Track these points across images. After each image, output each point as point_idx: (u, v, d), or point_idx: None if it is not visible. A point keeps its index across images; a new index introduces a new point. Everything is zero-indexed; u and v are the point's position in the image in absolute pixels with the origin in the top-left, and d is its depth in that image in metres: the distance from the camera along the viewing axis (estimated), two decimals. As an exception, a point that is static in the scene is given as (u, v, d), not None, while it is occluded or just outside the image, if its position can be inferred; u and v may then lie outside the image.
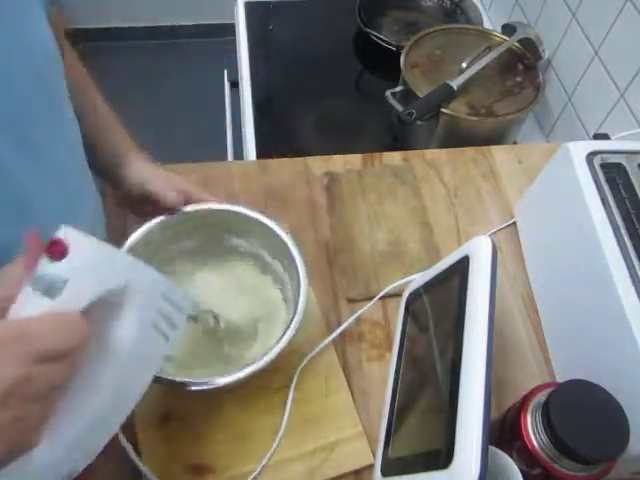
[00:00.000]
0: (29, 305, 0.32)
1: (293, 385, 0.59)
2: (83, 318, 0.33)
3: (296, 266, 0.56)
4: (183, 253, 0.61)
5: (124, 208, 0.65)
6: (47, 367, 0.31)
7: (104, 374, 0.36)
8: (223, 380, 0.49)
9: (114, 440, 0.38)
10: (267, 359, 0.50)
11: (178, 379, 0.49)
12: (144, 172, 0.58)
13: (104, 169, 0.60)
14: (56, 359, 0.32)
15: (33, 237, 0.34)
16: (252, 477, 0.54)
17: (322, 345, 0.61)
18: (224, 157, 1.21)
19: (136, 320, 0.37)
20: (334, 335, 0.62)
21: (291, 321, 0.53)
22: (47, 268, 0.33)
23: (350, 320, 0.64)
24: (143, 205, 0.59)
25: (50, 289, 0.32)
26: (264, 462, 0.55)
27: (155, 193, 0.56)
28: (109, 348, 0.36)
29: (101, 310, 0.35)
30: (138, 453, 0.54)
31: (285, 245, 0.57)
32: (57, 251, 0.33)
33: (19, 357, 0.30)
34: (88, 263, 0.34)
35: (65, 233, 0.33)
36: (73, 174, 0.52)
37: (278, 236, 0.58)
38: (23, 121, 0.43)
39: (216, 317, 0.57)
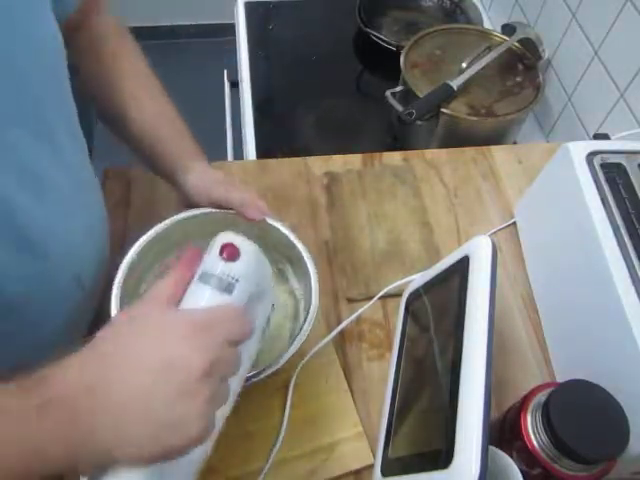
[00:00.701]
0: (204, 298, 0.38)
1: (292, 385, 0.59)
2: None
3: (305, 265, 0.56)
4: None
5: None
6: (232, 351, 0.37)
7: (239, 376, 0.40)
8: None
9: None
10: (282, 361, 0.49)
11: None
12: (206, 180, 0.58)
13: (167, 174, 0.60)
14: (234, 345, 0.37)
15: (193, 249, 0.40)
16: (261, 478, 0.54)
17: (321, 344, 0.61)
18: (224, 157, 1.21)
19: (261, 317, 0.43)
20: (333, 334, 0.62)
21: (304, 321, 0.52)
22: (223, 268, 0.38)
23: (350, 320, 0.64)
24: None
25: (228, 286, 0.38)
26: (270, 461, 0.55)
27: (220, 200, 0.56)
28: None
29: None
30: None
31: (295, 248, 0.57)
32: (232, 254, 0.39)
33: (214, 340, 0.36)
34: (253, 266, 0.40)
35: (236, 239, 0.40)
36: (81, 167, 0.53)
37: (290, 240, 0.57)
38: (40, 116, 0.44)
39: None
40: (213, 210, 0.57)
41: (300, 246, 0.57)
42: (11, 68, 0.40)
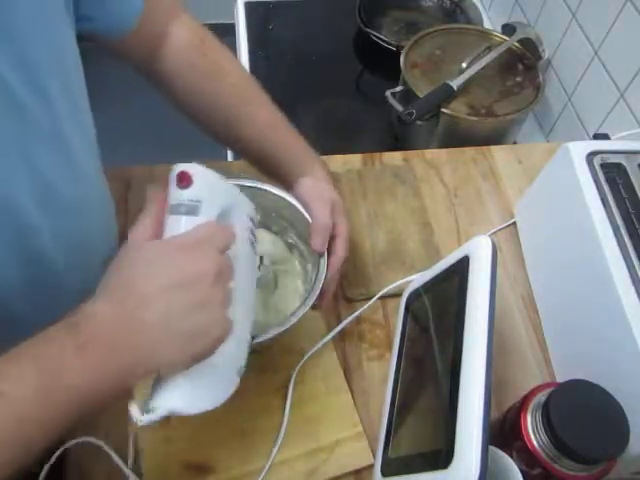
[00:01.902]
0: (180, 224, 0.41)
1: (292, 384, 0.59)
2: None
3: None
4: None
5: None
6: (225, 257, 0.41)
7: (240, 279, 0.43)
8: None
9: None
10: (294, 320, 0.51)
11: None
12: (309, 191, 0.59)
13: (282, 177, 0.62)
14: (224, 252, 0.41)
15: (156, 194, 0.42)
16: (261, 478, 0.54)
17: (320, 344, 0.61)
18: (224, 157, 1.21)
19: (242, 236, 0.45)
20: (332, 334, 0.62)
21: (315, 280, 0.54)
22: (182, 195, 0.41)
23: (349, 319, 0.64)
24: None
25: (192, 209, 0.41)
26: (270, 461, 0.55)
27: (312, 210, 0.58)
28: (232, 258, 0.43)
29: (220, 221, 0.43)
30: (138, 453, 0.54)
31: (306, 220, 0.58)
32: (185, 181, 0.41)
33: (212, 251, 0.40)
34: (210, 187, 0.43)
35: (186, 167, 0.42)
36: (94, 178, 0.53)
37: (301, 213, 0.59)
38: (52, 120, 0.44)
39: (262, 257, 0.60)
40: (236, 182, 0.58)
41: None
42: (35, 83, 0.41)
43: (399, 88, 0.98)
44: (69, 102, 0.46)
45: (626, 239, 0.56)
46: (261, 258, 0.61)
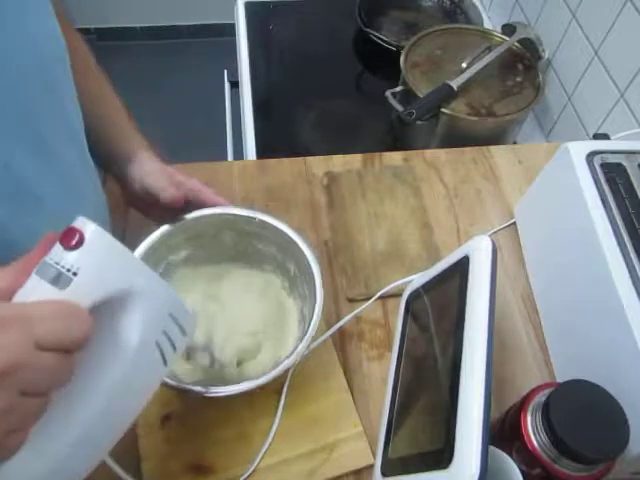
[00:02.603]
0: (34, 292, 0.31)
1: (286, 386, 0.58)
2: (88, 313, 0.31)
3: (313, 277, 0.55)
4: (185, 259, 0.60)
5: (133, 208, 0.63)
6: (49, 357, 0.29)
7: (100, 382, 0.33)
8: (234, 388, 0.49)
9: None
10: (275, 373, 0.49)
11: (190, 386, 0.49)
12: (145, 166, 0.56)
13: (111, 164, 0.58)
14: (58, 351, 0.30)
15: (50, 234, 0.33)
16: (245, 477, 0.54)
17: (316, 344, 0.60)
18: (224, 157, 1.21)
19: (140, 330, 0.35)
20: (329, 333, 0.62)
21: (305, 333, 0.52)
22: (59, 256, 0.31)
23: (348, 318, 0.63)
24: (147, 203, 0.57)
25: (59, 279, 0.31)
26: (255, 464, 0.55)
27: (154, 187, 0.54)
28: (108, 356, 0.34)
29: (106, 311, 0.33)
30: (138, 453, 0.54)
31: (303, 255, 0.56)
32: (71, 240, 0.31)
33: (18, 339, 0.28)
34: (102, 258, 0.33)
35: (82, 224, 0.32)
36: (78, 170, 0.52)
37: (295, 244, 0.57)
38: (31, 119, 0.43)
39: (211, 354, 0.56)
40: (214, 211, 0.56)
41: (304, 247, 0.56)
42: (12, 79, 0.39)
43: (399, 88, 0.98)
44: (52, 98, 0.45)
45: (626, 239, 0.56)
46: (211, 354, 0.55)
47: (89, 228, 0.32)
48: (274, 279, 0.62)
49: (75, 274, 0.31)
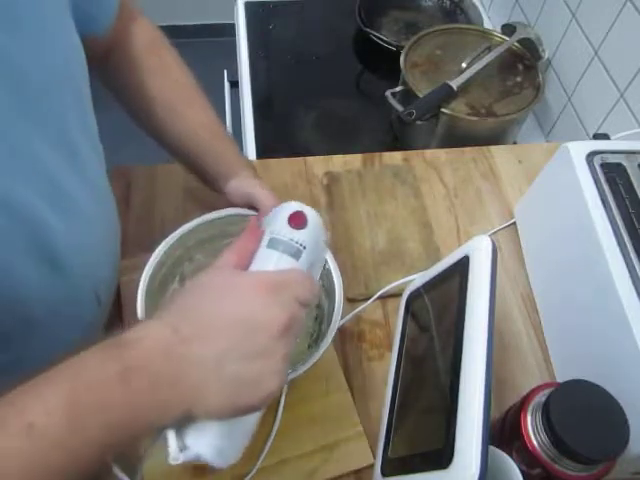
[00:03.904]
0: (274, 262, 0.39)
1: (286, 384, 0.58)
2: None
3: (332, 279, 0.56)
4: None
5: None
6: (303, 311, 0.38)
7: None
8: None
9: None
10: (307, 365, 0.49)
11: None
12: (249, 184, 0.58)
13: (210, 179, 0.61)
14: (304, 307, 0.38)
15: (253, 220, 0.43)
16: (248, 478, 0.54)
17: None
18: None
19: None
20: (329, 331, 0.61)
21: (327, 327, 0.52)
22: (291, 234, 0.41)
23: (347, 317, 0.63)
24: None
25: (296, 252, 0.40)
26: (258, 464, 0.54)
27: (259, 199, 0.57)
28: None
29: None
30: (138, 452, 0.54)
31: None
32: (300, 222, 0.41)
33: (290, 299, 0.37)
34: (317, 235, 0.42)
35: (303, 208, 0.42)
36: (99, 174, 0.53)
37: None
38: (62, 122, 0.44)
39: None
40: (242, 212, 0.57)
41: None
42: (33, 82, 0.40)
43: (399, 88, 0.98)
44: (76, 104, 0.46)
45: (626, 239, 0.56)
46: None
47: (309, 212, 0.42)
48: None
49: (305, 247, 0.40)
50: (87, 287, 0.50)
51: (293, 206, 0.42)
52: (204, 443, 0.36)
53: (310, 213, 0.42)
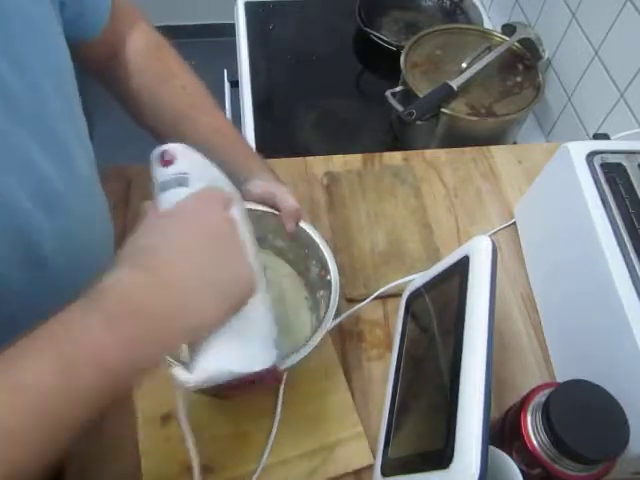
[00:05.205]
0: (174, 196, 0.41)
1: (282, 385, 0.58)
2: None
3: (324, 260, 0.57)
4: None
5: None
6: (231, 214, 0.41)
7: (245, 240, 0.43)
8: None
9: (115, 441, 0.38)
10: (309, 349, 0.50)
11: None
12: (270, 184, 0.59)
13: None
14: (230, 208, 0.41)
15: (146, 203, 0.44)
16: (254, 478, 0.54)
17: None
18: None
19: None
20: (328, 327, 0.61)
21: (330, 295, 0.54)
22: (168, 171, 0.42)
23: (346, 314, 0.63)
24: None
25: (181, 181, 0.42)
26: (262, 463, 0.54)
27: (280, 199, 0.58)
28: None
29: None
30: (138, 453, 0.54)
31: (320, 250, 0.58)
32: (169, 158, 0.43)
33: (219, 207, 0.41)
34: (193, 162, 0.44)
35: (168, 146, 0.43)
36: (87, 171, 0.53)
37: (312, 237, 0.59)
38: (48, 117, 0.44)
39: None
40: (261, 208, 0.58)
41: (318, 240, 0.59)
42: (31, 82, 0.41)
43: (399, 88, 0.98)
44: (63, 102, 0.46)
45: (626, 239, 0.56)
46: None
47: (172, 146, 0.43)
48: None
49: (186, 174, 0.42)
50: (75, 288, 0.50)
51: (157, 150, 0.44)
52: (217, 355, 0.39)
53: (175, 147, 0.43)
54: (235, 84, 1.25)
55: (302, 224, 0.59)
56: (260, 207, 0.58)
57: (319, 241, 0.59)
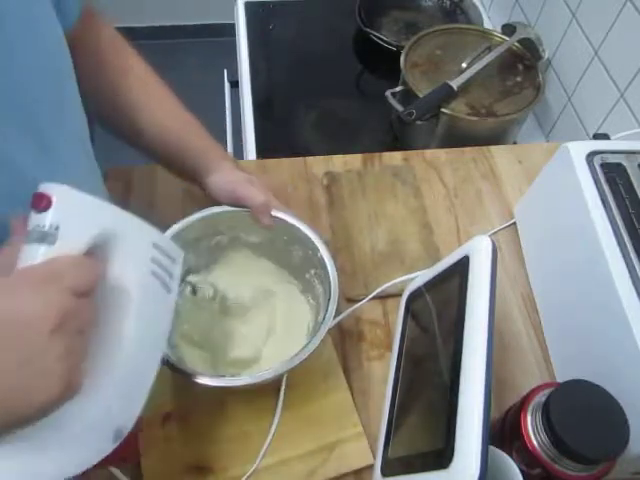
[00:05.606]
0: (32, 255, 0.34)
1: (283, 386, 0.58)
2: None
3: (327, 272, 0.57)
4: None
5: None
6: (81, 301, 0.34)
7: (120, 323, 0.38)
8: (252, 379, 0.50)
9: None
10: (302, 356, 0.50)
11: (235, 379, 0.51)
12: (229, 177, 0.59)
13: (190, 175, 0.61)
14: (83, 295, 0.34)
15: (14, 220, 0.36)
16: (245, 477, 0.54)
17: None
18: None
19: (132, 267, 0.39)
20: (328, 326, 0.61)
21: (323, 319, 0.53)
22: (36, 220, 0.34)
23: (346, 313, 0.63)
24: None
25: (46, 237, 0.34)
26: (256, 465, 0.54)
27: (244, 198, 0.57)
28: (115, 296, 0.38)
29: (99, 257, 0.37)
30: (138, 453, 0.54)
31: (317, 250, 0.58)
32: (42, 203, 0.34)
33: (60, 292, 0.32)
34: (74, 209, 0.36)
35: (47, 187, 0.35)
36: (81, 171, 0.52)
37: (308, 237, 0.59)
38: (30, 111, 0.43)
39: (214, 288, 0.58)
40: (229, 209, 0.58)
41: (316, 241, 0.58)
42: (8, 70, 0.39)
43: (399, 88, 0.98)
44: (58, 104, 0.45)
45: (626, 239, 0.56)
46: (214, 286, 0.60)
47: (54, 189, 0.35)
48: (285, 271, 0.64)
49: (57, 228, 0.34)
50: None
51: (39, 188, 0.35)
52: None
53: (54, 189, 0.35)
54: (235, 84, 1.25)
55: (275, 212, 0.59)
56: (228, 208, 0.59)
57: (296, 222, 0.59)
